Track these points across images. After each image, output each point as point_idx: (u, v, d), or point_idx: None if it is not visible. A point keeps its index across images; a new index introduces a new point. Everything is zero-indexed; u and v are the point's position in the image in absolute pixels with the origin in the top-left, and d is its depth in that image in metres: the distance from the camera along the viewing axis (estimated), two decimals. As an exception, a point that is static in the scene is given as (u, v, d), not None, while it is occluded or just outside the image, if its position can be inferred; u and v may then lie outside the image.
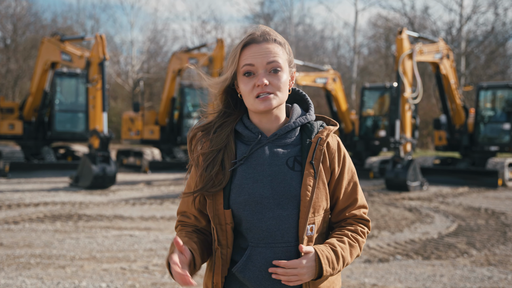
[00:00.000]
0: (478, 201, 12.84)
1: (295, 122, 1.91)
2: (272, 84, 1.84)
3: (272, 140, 1.89)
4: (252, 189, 1.84)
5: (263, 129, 1.91)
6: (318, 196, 1.85)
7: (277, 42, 1.88)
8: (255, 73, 1.84)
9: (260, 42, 1.86)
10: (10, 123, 18.45)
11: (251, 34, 1.88)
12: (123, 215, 10.02)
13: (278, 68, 1.85)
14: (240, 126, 1.92)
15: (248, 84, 1.85)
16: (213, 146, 1.89)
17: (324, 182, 1.87)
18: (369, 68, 38.35)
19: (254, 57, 1.84)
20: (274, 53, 1.85)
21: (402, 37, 15.02)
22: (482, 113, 18.00)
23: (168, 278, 5.77)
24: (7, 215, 9.82)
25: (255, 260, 1.82)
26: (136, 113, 21.22)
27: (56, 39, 16.25)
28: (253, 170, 1.86)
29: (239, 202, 1.84)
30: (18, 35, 34.46)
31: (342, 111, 20.21)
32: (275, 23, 41.22)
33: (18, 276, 5.79)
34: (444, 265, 6.56)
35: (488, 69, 33.71)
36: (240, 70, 1.86)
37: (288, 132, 1.90)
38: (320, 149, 1.87)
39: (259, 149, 1.88)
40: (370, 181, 17.43)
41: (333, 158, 1.91)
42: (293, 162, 1.87)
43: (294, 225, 1.83)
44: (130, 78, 39.01)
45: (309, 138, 1.90)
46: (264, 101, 1.83)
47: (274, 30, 1.97)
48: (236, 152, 1.90)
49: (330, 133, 1.92)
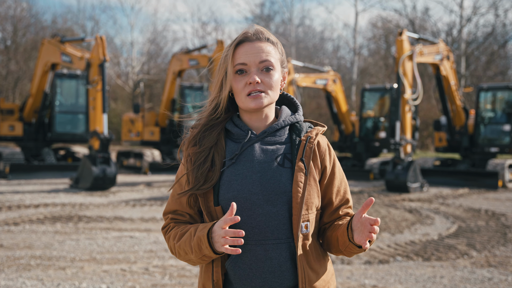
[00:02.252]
0: (478, 202, 12.84)
1: (284, 121, 1.93)
2: (263, 82, 1.86)
3: (261, 138, 1.91)
4: (241, 185, 1.85)
5: (253, 127, 1.93)
6: (310, 193, 1.86)
7: (270, 42, 1.90)
8: (248, 71, 1.86)
9: (253, 41, 1.88)
10: (10, 125, 18.45)
11: (245, 32, 1.90)
12: (123, 216, 10.02)
13: (270, 67, 1.87)
14: (230, 125, 1.94)
15: (240, 82, 1.87)
16: (204, 145, 1.90)
17: (315, 179, 1.89)
18: (369, 69, 38.35)
19: (247, 56, 1.86)
20: (267, 52, 1.87)
21: (402, 39, 15.03)
22: (482, 115, 18.00)
23: (168, 280, 5.77)
24: (7, 216, 9.82)
25: (245, 257, 1.83)
26: (136, 115, 21.23)
27: (56, 41, 16.26)
28: (242, 166, 1.87)
29: (228, 199, 1.84)
30: (18, 36, 34.49)
31: (342, 112, 20.22)
32: (275, 24, 41.24)
33: (18, 278, 5.79)
34: (444, 267, 6.56)
35: (488, 70, 33.71)
36: (232, 68, 1.88)
37: (277, 130, 1.92)
38: (310, 147, 1.89)
39: (249, 146, 1.89)
40: (370, 183, 17.43)
41: (323, 157, 1.93)
42: (283, 159, 1.88)
43: (284, 221, 1.83)
44: (130, 79, 39.02)
45: (298, 136, 1.92)
46: (255, 99, 1.85)
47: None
48: (226, 150, 1.92)
49: (319, 132, 1.95)
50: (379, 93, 20.22)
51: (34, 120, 18.65)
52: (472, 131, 18.00)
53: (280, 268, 1.83)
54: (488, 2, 35.99)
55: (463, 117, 18.14)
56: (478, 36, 34.33)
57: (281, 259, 1.83)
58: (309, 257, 1.86)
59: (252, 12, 50.56)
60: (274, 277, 1.82)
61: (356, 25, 36.01)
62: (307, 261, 1.85)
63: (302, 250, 1.84)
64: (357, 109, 27.31)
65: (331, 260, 2.02)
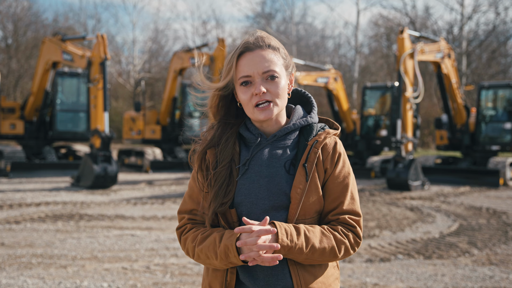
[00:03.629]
0: (480, 200, 12.83)
1: (295, 124, 1.92)
2: (270, 91, 1.85)
3: (271, 141, 1.90)
4: (249, 190, 1.86)
5: (264, 131, 1.93)
6: (309, 199, 1.85)
7: (271, 48, 1.88)
8: (252, 82, 1.85)
9: (254, 50, 1.86)
10: (11, 123, 18.47)
11: (245, 42, 1.88)
12: (124, 214, 10.02)
13: (274, 75, 1.85)
14: (243, 129, 1.94)
15: (246, 93, 1.86)
16: (223, 161, 1.90)
17: (317, 185, 1.87)
18: (371, 67, 38.31)
19: (249, 67, 1.85)
20: (269, 61, 1.86)
21: (404, 37, 15.01)
22: (484, 113, 17.99)
23: (169, 278, 5.77)
24: (9, 214, 9.83)
25: None
26: (138, 113, 21.24)
27: (58, 39, 16.26)
28: (251, 171, 1.88)
29: (237, 203, 1.87)
30: (19, 35, 34.48)
31: (344, 110, 20.21)
32: (276, 22, 41.20)
33: (19, 276, 5.79)
34: (446, 265, 6.56)
35: (489, 68, 33.67)
36: (237, 80, 1.87)
37: (288, 134, 1.92)
38: (314, 152, 1.87)
39: (259, 150, 1.90)
40: (371, 181, 17.43)
41: (326, 158, 1.90)
42: (289, 164, 1.88)
43: None
44: (131, 77, 39.01)
45: (307, 140, 1.90)
46: (264, 111, 1.85)
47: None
48: (240, 157, 1.92)
49: (327, 136, 1.91)
50: (380, 91, 20.21)
51: (35, 118, 18.65)
52: (473, 129, 17.99)
53: (282, 271, 1.86)
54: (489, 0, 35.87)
55: (464, 115, 18.13)
56: (479, 34, 34.29)
57: (283, 262, 1.85)
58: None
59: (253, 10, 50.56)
60: (276, 280, 1.86)
61: (357, 23, 35.98)
62: (301, 263, 1.86)
63: None
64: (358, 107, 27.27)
65: (337, 264, 2.00)
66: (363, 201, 12.39)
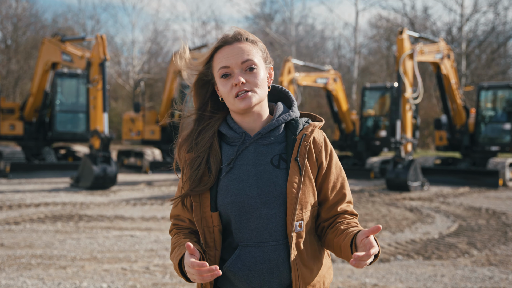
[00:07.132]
0: (479, 201, 12.84)
1: (279, 120, 1.92)
2: (249, 81, 1.86)
3: (256, 139, 1.90)
4: (238, 189, 1.86)
5: (247, 129, 1.93)
6: (304, 192, 1.86)
7: (249, 41, 1.90)
8: (232, 74, 1.87)
9: (232, 43, 1.88)
10: (11, 124, 18.46)
11: (224, 36, 1.91)
12: (124, 215, 10.02)
13: (253, 65, 1.87)
14: (224, 127, 1.94)
15: (226, 85, 1.87)
16: (198, 151, 1.91)
17: (311, 178, 1.88)
18: (370, 68, 38.32)
19: (228, 58, 1.86)
20: (247, 52, 1.87)
21: (403, 37, 15.02)
22: (483, 113, 18.00)
23: (169, 279, 5.77)
24: (8, 215, 9.83)
25: (245, 259, 1.85)
26: (137, 114, 21.24)
27: (57, 40, 16.26)
28: (238, 170, 1.88)
29: (226, 204, 1.86)
30: (18, 35, 34.49)
31: (343, 111, 20.22)
32: (275, 23, 41.20)
33: (19, 277, 5.79)
34: (445, 265, 6.56)
35: (488, 69, 33.68)
36: (216, 73, 1.89)
37: (272, 130, 1.92)
38: (305, 145, 1.88)
39: (244, 149, 1.90)
40: (370, 181, 17.43)
41: (319, 152, 1.92)
42: (278, 160, 1.89)
43: (282, 223, 1.85)
44: (131, 78, 39.02)
45: (294, 135, 1.91)
46: (244, 100, 1.85)
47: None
48: (221, 154, 1.92)
49: (315, 129, 1.93)
50: (380, 92, 20.22)
51: (35, 119, 18.65)
52: (473, 130, 18.00)
53: (278, 269, 1.85)
54: (488, 1, 35.89)
55: (464, 116, 18.14)
56: (478, 34, 34.31)
57: (280, 260, 1.85)
58: (303, 255, 1.87)
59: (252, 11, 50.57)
60: (272, 277, 1.85)
61: (356, 24, 35.99)
62: (301, 259, 1.87)
63: (296, 249, 1.86)
64: (357, 108, 27.29)
65: (328, 253, 2.02)
66: (363, 201, 12.39)
